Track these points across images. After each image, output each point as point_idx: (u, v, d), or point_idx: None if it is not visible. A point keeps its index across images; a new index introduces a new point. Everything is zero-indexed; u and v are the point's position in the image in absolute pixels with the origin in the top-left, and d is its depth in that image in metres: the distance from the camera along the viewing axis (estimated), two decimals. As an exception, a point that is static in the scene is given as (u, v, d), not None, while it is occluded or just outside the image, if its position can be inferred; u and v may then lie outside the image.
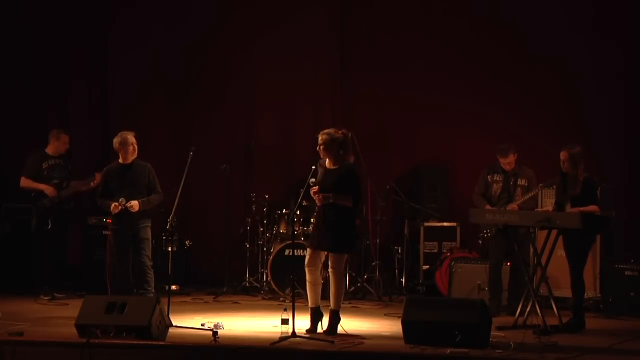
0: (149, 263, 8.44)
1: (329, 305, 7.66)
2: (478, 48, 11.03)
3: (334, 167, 7.66)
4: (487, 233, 9.12)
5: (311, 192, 7.63)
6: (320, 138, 7.64)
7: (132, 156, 8.55)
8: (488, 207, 8.92)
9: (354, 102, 11.38)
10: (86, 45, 11.54)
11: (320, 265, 7.72)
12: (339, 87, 11.45)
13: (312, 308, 7.70)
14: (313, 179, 7.63)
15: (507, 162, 9.10)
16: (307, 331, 7.59)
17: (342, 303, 9.23)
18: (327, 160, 7.69)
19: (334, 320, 7.62)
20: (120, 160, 8.58)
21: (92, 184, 9.67)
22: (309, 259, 7.70)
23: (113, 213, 8.43)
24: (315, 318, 7.69)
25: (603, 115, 10.68)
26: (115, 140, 8.56)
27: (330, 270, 7.63)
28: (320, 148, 7.64)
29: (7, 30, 11.28)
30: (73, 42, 11.46)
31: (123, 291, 8.30)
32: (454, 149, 11.02)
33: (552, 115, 10.78)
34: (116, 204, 8.38)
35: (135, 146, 8.55)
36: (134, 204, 8.38)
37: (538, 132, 10.66)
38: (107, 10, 11.52)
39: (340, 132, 7.69)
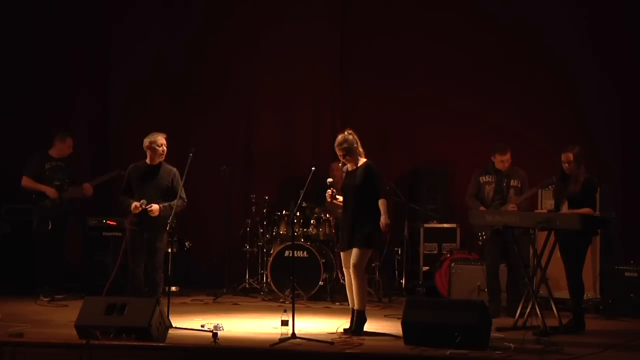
0: (160, 268, 8.28)
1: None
2: (478, 48, 11.02)
3: (351, 168, 7.88)
4: (482, 236, 9.07)
5: (327, 194, 7.83)
6: (339, 149, 7.82)
7: (160, 158, 8.37)
8: (482, 208, 8.89)
9: (354, 102, 11.38)
10: (87, 46, 11.53)
11: None
12: (339, 87, 11.45)
13: (352, 309, 7.82)
14: (330, 179, 7.89)
15: (505, 159, 9.05)
16: (344, 330, 7.74)
17: (342, 304, 9.30)
18: (350, 164, 7.89)
19: (359, 321, 7.73)
20: (147, 161, 8.41)
21: (82, 193, 9.67)
22: (343, 261, 7.90)
23: (133, 212, 8.25)
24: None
25: (601, 116, 10.66)
26: (146, 140, 8.39)
27: (351, 268, 7.72)
28: (343, 159, 7.84)
29: (5, 32, 11.26)
30: (73, 43, 11.45)
31: (133, 292, 8.20)
32: (453, 150, 11.00)
33: (551, 115, 10.77)
34: (137, 204, 8.21)
35: (165, 148, 8.36)
36: (154, 208, 8.20)
37: (537, 133, 10.66)
38: (108, 10, 11.52)
39: (347, 133, 7.86)
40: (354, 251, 7.70)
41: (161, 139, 8.40)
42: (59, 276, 9.82)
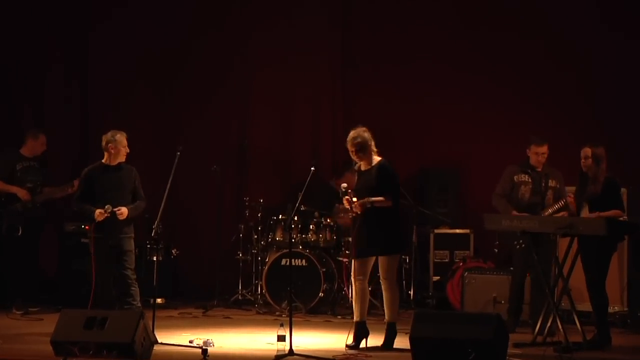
0: (133, 276, 8.38)
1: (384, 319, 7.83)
2: (492, 41, 11.01)
3: (364, 168, 7.83)
4: (520, 244, 8.74)
5: (345, 201, 7.72)
6: (352, 144, 7.77)
7: (121, 159, 8.46)
8: (515, 213, 8.64)
9: (356, 97, 11.38)
10: (64, 38, 11.49)
11: (369, 274, 7.84)
12: (340, 82, 11.45)
13: (357, 322, 7.79)
14: (345, 184, 7.75)
15: (541, 151, 8.82)
16: (348, 346, 7.69)
17: (344, 317, 9.29)
18: (362, 163, 7.85)
19: (392, 334, 7.72)
20: (104, 161, 8.48)
21: (69, 190, 9.64)
22: (356, 269, 7.79)
23: (97, 220, 8.32)
24: (361, 334, 7.78)
25: (627, 116, 10.64)
26: (105, 139, 8.44)
27: (382, 280, 7.71)
28: (354, 155, 7.80)
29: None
30: (50, 36, 11.42)
31: (105, 305, 8.26)
32: (466, 148, 10.99)
33: (573, 113, 10.73)
34: (101, 211, 8.27)
35: (127, 149, 8.45)
36: (123, 211, 8.29)
37: (558, 131, 10.57)
38: (91, 1, 11.50)
39: (361, 129, 7.82)
40: (383, 260, 7.66)
41: (123, 138, 8.45)
42: (33, 287, 9.82)
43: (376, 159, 7.82)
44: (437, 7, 11.20)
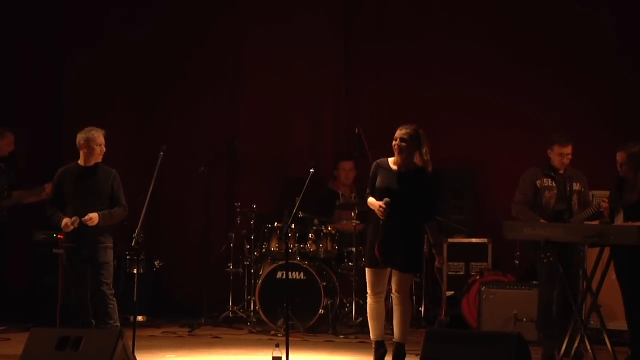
0: (110, 291, 8.33)
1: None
2: (505, 38, 11.04)
3: (404, 170, 7.79)
4: (548, 257, 8.55)
5: (382, 209, 7.64)
6: (403, 132, 7.78)
7: (97, 159, 8.40)
8: (543, 222, 8.48)
9: (361, 95, 11.41)
10: (37, 29, 11.49)
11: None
12: (343, 79, 11.49)
13: (377, 342, 7.84)
14: (387, 199, 7.68)
15: (566, 152, 8.69)
16: None
17: (347, 337, 9.27)
18: (395, 159, 7.83)
19: (400, 355, 7.77)
20: (79, 162, 8.42)
21: (43, 195, 9.61)
22: (376, 282, 7.79)
23: (64, 231, 8.30)
24: (383, 353, 7.84)
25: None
26: (80, 137, 8.38)
27: (395, 294, 7.75)
28: (398, 144, 7.77)
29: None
30: (21, 28, 11.44)
31: (80, 323, 8.25)
32: (483, 148, 10.99)
33: (598, 111, 10.72)
34: (68, 221, 8.23)
35: (104, 148, 8.39)
36: (93, 217, 8.22)
37: (582, 131, 10.57)
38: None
39: (416, 129, 7.85)
40: (400, 276, 7.70)
41: (100, 136, 8.39)
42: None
43: (417, 165, 7.80)
44: (443, 8, 11.25)
